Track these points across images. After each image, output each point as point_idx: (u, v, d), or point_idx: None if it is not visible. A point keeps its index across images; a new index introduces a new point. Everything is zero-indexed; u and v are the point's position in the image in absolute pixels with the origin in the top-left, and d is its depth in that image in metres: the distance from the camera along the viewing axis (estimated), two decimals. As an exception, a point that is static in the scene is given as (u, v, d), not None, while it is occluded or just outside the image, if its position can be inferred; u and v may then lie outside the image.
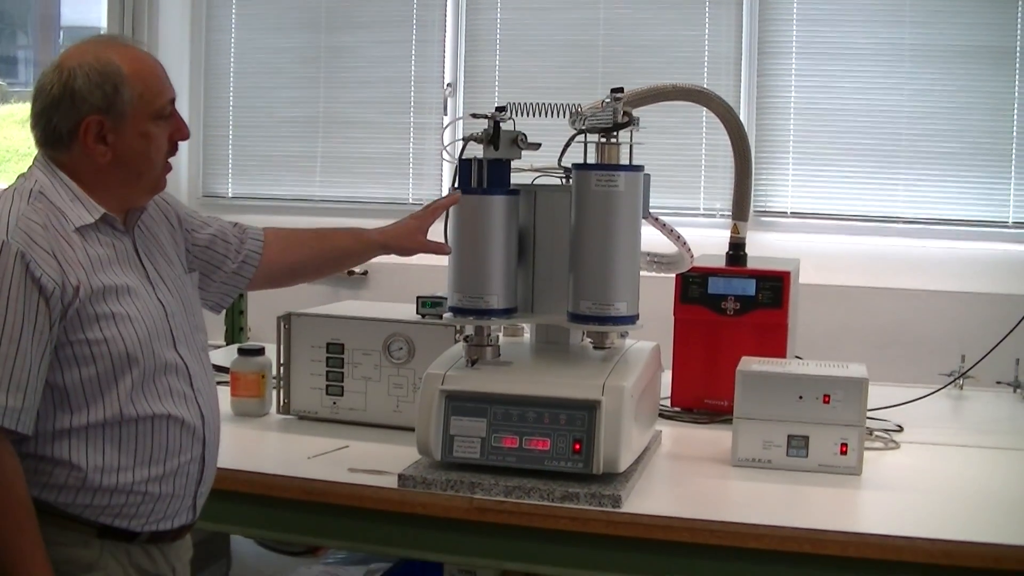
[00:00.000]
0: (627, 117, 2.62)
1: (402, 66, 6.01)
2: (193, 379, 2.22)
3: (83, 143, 2.09)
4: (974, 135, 5.23)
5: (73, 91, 2.06)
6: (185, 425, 2.18)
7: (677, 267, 2.91)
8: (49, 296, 2.00)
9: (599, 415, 2.50)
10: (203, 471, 2.26)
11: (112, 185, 2.14)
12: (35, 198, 2.08)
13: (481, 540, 2.55)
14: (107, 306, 2.08)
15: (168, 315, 2.21)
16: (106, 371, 2.07)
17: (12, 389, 1.97)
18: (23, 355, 1.97)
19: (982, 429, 3.34)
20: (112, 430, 2.08)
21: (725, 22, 5.50)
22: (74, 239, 2.07)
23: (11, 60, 8.43)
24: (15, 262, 1.98)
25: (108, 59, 2.09)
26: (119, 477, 2.09)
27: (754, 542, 2.37)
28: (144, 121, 2.13)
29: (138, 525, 2.14)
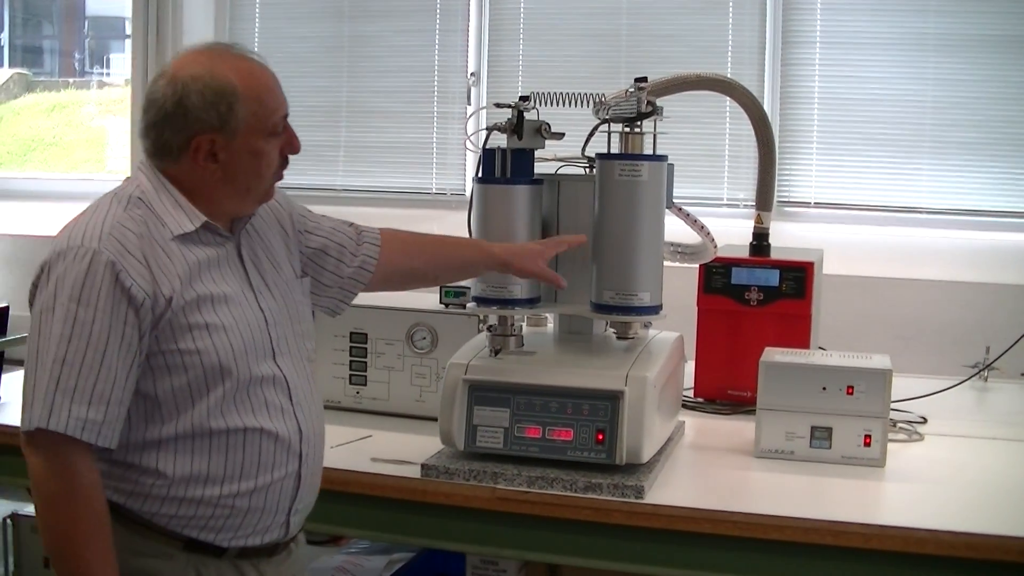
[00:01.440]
0: (651, 107, 2.62)
1: (425, 55, 6.00)
2: (292, 391, 2.16)
3: (193, 159, 2.05)
4: (999, 125, 5.18)
5: (186, 108, 2.02)
6: (280, 439, 2.11)
7: (700, 257, 2.90)
8: (139, 306, 1.96)
9: (622, 405, 2.50)
10: (299, 487, 2.17)
11: (219, 198, 2.10)
12: (133, 204, 2.04)
13: (504, 530, 2.56)
14: (201, 316, 2.03)
15: (269, 324, 2.15)
16: (197, 382, 2.02)
17: (94, 401, 1.93)
18: (108, 367, 1.94)
19: (1007, 421, 3.32)
20: (200, 441, 2.03)
21: (749, 11, 5.47)
22: (172, 248, 2.03)
23: (37, 50, 8.46)
24: (104, 271, 1.94)
25: (223, 76, 2.04)
26: (205, 489, 2.04)
27: (776, 534, 2.37)
28: (256, 139, 2.09)
29: (225, 539, 2.09)
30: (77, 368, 1.92)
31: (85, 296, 1.93)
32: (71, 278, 1.95)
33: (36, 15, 8.39)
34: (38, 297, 2.00)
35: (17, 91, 7.88)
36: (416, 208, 6.04)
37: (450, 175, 6.03)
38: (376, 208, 6.10)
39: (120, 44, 7.94)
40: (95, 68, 8.43)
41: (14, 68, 7.98)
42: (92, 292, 1.93)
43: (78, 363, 1.92)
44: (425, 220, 5.94)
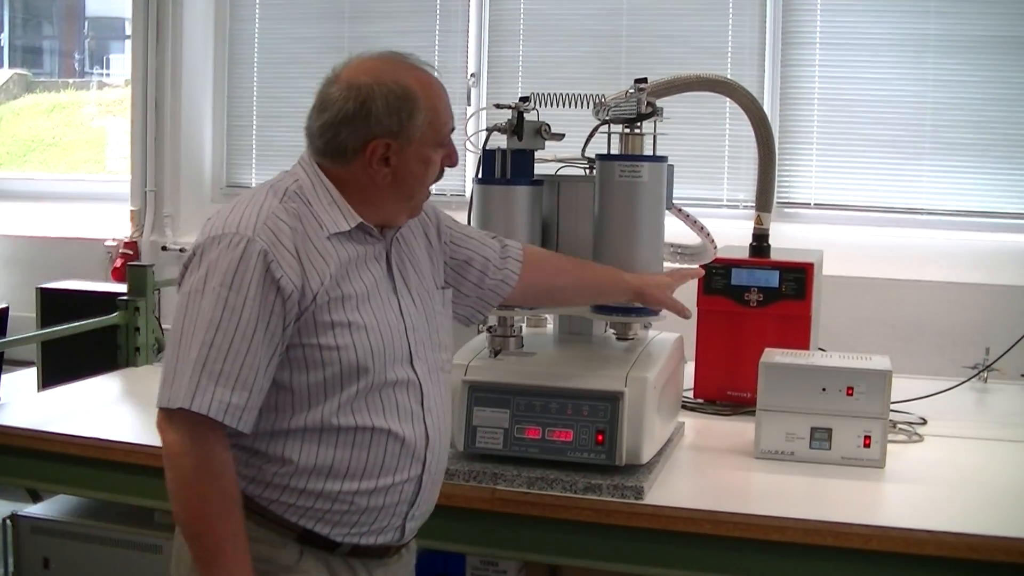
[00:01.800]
0: (651, 107, 2.62)
1: (425, 56, 5.82)
2: (425, 398, 2.14)
3: (366, 162, 2.07)
4: (999, 126, 5.20)
5: (369, 111, 2.05)
6: (406, 443, 2.10)
7: (700, 258, 2.90)
8: (287, 298, 1.98)
9: (622, 406, 2.50)
10: (419, 493, 2.16)
11: (380, 203, 2.12)
12: (289, 197, 2.06)
13: (503, 531, 2.56)
14: (345, 314, 2.04)
15: (408, 329, 2.14)
16: (333, 377, 2.03)
17: (238, 387, 1.95)
18: (253, 354, 1.96)
19: (1007, 422, 3.32)
20: (328, 435, 2.04)
21: (749, 12, 5.48)
22: (324, 244, 2.04)
23: (36, 51, 8.47)
24: (257, 260, 1.96)
25: (406, 83, 2.07)
26: (327, 483, 2.05)
27: (777, 535, 2.37)
28: (428, 148, 2.10)
29: (339, 535, 2.09)
30: (224, 353, 1.94)
31: (236, 283, 1.95)
32: (224, 264, 1.96)
33: (36, 16, 8.39)
34: (187, 279, 2.01)
35: (17, 91, 7.89)
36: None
37: (450, 176, 5.98)
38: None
39: (120, 45, 7.95)
40: (95, 69, 8.45)
41: (14, 68, 7.99)
42: (243, 280, 1.95)
43: (225, 348, 1.94)
44: (425, 221, 5.95)
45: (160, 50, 6.25)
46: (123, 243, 6.35)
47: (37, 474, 2.99)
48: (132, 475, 2.81)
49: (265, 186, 2.10)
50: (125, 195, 6.47)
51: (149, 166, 6.34)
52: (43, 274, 5.88)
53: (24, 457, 2.96)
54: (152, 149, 6.33)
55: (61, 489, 3.09)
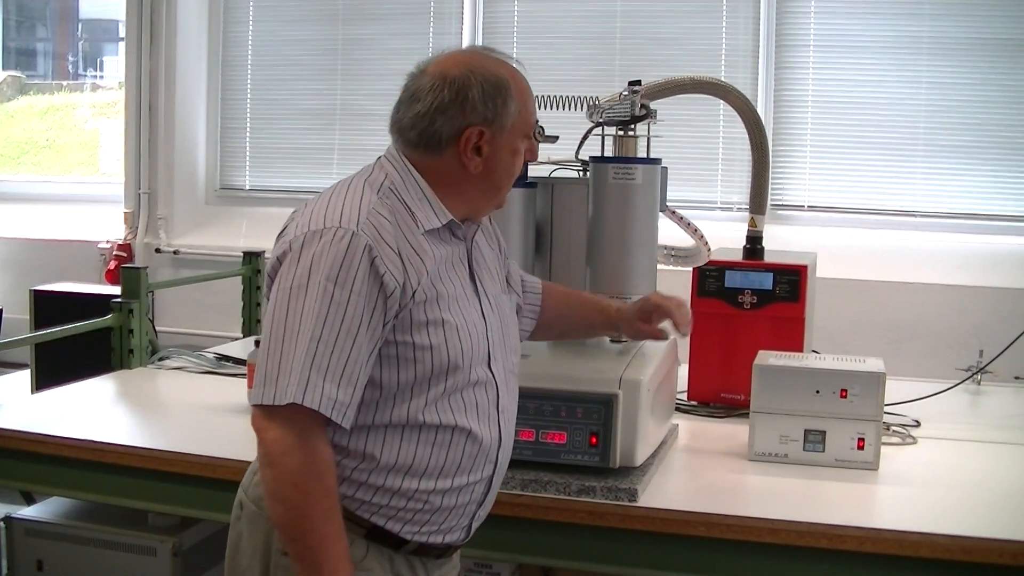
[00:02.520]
0: (644, 110, 2.62)
1: (419, 58, 5.95)
2: (500, 399, 2.16)
3: (460, 150, 2.08)
4: (993, 129, 5.20)
5: (466, 99, 2.06)
6: (483, 444, 2.12)
7: (694, 260, 2.91)
8: (389, 295, 1.97)
9: (616, 409, 2.50)
10: (487, 493, 2.19)
11: (469, 194, 2.13)
12: (385, 194, 2.06)
13: (497, 533, 2.55)
14: (439, 312, 2.04)
15: (488, 330, 2.15)
16: (424, 376, 2.03)
17: (344, 383, 1.94)
18: (357, 350, 1.95)
19: (1000, 424, 3.32)
20: (411, 432, 2.04)
21: (743, 14, 5.48)
22: (420, 241, 2.04)
23: (30, 53, 8.46)
24: (363, 255, 1.95)
25: (500, 73, 2.10)
26: (405, 481, 2.05)
27: (770, 536, 2.37)
28: (517, 138, 2.13)
29: (408, 532, 2.08)
30: (331, 348, 1.93)
31: (342, 277, 1.94)
32: (329, 258, 1.94)
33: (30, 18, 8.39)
34: (287, 273, 1.98)
35: (11, 94, 7.88)
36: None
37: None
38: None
39: (114, 47, 7.95)
40: (89, 71, 8.44)
41: (7, 71, 7.98)
42: (349, 274, 1.94)
43: (332, 343, 1.93)
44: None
45: (154, 52, 6.25)
46: (117, 245, 6.34)
47: (31, 476, 2.98)
48: (126, 477, 2.81)
49: (357, 180, 2.10)
50: (119, 197, 6.46)
51: (143, 168, 6.33)
52: (37, 276, 5.88)
53: (18, 459, 2.95)
54: (146, 151, 6.33)
55: (55, 491, 3.08)
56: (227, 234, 6.19)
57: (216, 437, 2.89)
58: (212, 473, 2.77)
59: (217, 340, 4.76)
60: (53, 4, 8.29)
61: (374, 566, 2.08)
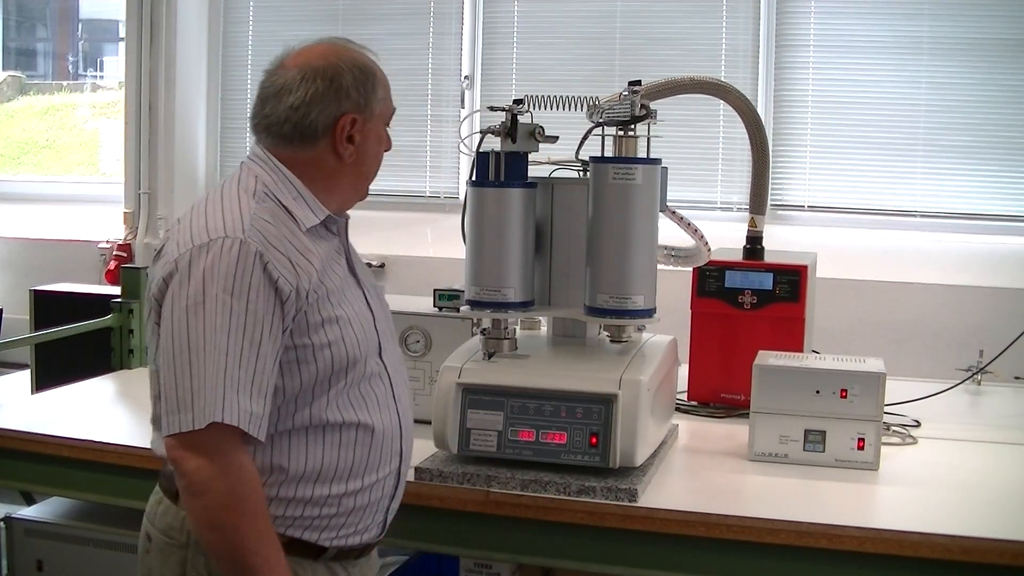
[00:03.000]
0: (644, 110, 2.61)
1: (419, 58, 6.01)
2: (395, 388, 2.16)
3: (336, 140, 2.08)
4: (993, 128, 5.20)
5: (340, 87, 2.06)
6: (386, 437, 2.11)
7: (694, 260, 2.90)
8: (285, 300, 1.94)
9: (616, 409, 2.50)
10: (397, 486, 2.19)
11: (341, 186, 2.13)
12: (261, 198, 2.02)
13: (497, 533, 2.56)
14: (332, 310, 2.03)
15: (376, 319, 2.16)
16: (324, 375, 2.01)
17: (256, 395, 1.90)
18: (264, 359, 1.91)
19: (1000, 424, 3.33)
20: (316, 436, 2.02)
21: (743, 14, 5.48)
22: (303, 240, 2.02)
23: (30, 53, 8.46)
24: (255, 262, 1.92)
25: (365, 60, 2.12)
26: (316, 488, 2.02)
27: (770, 537, 2.37)
28: (382, 124, 2.16)
29: (327, 539, 2.06)
30: (239, 361, 1.88)
31: (238, 288, 1.90)
32: (222, 269, 1.90)
33: (30, 18, 8.38)
34: (179, 292, 1.92)
35: (11, 94, 7.88)
36: (410, 211, 6.04)
37: (444, 178, 6.03)
38: (370, 211, 6.07)
39: (114, 47, 7.94)
40: (89, 71, 8.43)
41: (8, 71, 7.97)
42: (244, 283, 1.90)
43: (239, 355, 1.88)
44: (419, 223, 5.95)
45: (154, 52, 6.25)
46: (117, 245, 6.33)
47: (31, 476, 2.98)
48: (126, 477, 2.81)
49: (229, 189, 2.05)
50: (119, 197, 6.46)
51: (143, 168, 6.33)
52: (37, 276, 5.87)
53: (18, 459, 2.95)
54: (146, 151, 6.32)
55: (55, 491, 3.08)
56: (227, 234, 6.19)
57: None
58: (212, 473, 2.77)
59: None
60: (53, 4, 8.28)
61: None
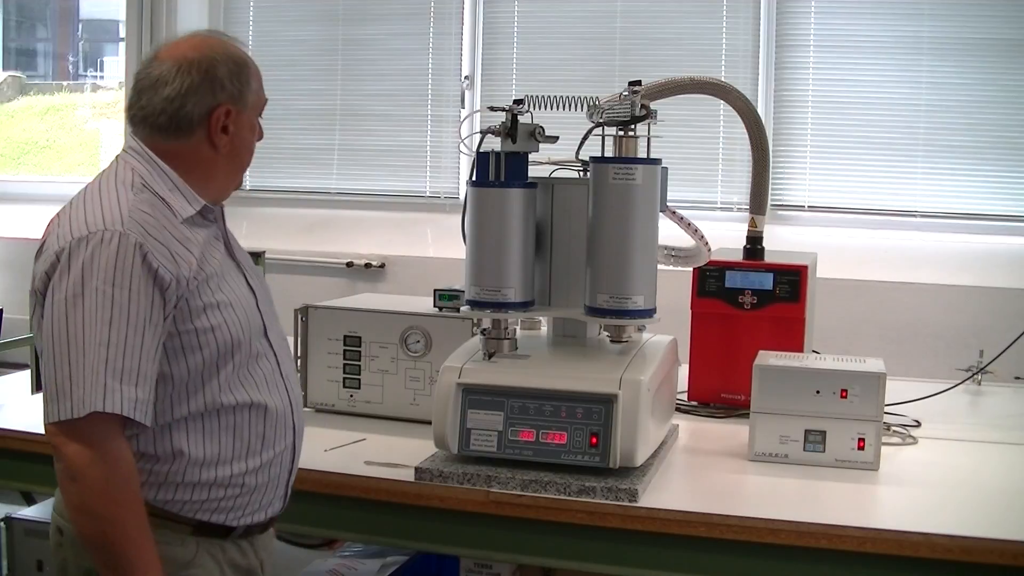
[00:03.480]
0: (645, 110, 2.61)
1: (420, 58, 6.01)
2: (281, 365, 2.24)
3: (211, 130, 2.13)
4: (993, 129, 5.20)
5: (215, 78, 2.11)
6: (279, 413, 2.19)
7: (694, 261, 2.90)
8: (166, 289, 2.00)
9: (616, 409, 2.50)
10: (294, 459, 2.28)
11: (217, 176, 2.18)
12: (138, 189, 2.07)
13: (497, 533, 2.56)
14: (213, 295, 2.09)
15: (259, 301, 2.23)
16: (211, 359, 2.07)
17: (140, 381, 1.96)
18: (146, 347, 1.97)
19: (1000, 425, 3.33)
20: (212, 419, 2.08)
21: (743, 14, 5.48)
22: (181, 230, 2.07)
23: (30, 53, 8.46)
24: (135, 253, 1.97)
25: (238, 52, 2.18)
26: (218, 470, 2.10)
27: (771, 537, 2.37)
28: (254, 115, 2.24)
29: (234, 519, 2.14)
30: (122, 349, 1.94)
31: (119, 279, 1.95)
32: (101, 261, 1.95)
33: (30, 18, 8.38)
34: (59, 285, 1.97)
35: (11, 94, 7.87)
36: (410, 211, 6.04)
37: (444, 178, 6.03)
38: (370, 211, 6.10)
39: (114, 47, 7.94)
40: (89, 71, 8.43)
41: (8, 71, 7.97)
42: (124, 274, 1.95)
43: (122, 345, 1.94)
44: (419, 223, 5.95)
45: (154, 53, 6.24)
46: (117, 246, 6.32)
47: (31, 476, 2.98)
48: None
49: (107, 182, 2.09)
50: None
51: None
52: (37, 277, 5.85)
53: (18, 460, 2.95)
54: (146, 152, 6.32)
55: (55, 491, 3.08)
56: (227, 234, 6.19)
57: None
58: (212, 473, 2.77)
59: (217, 340, 4.75)
60: (53, 4, 8.28)
61: (206, 561, 2.11)
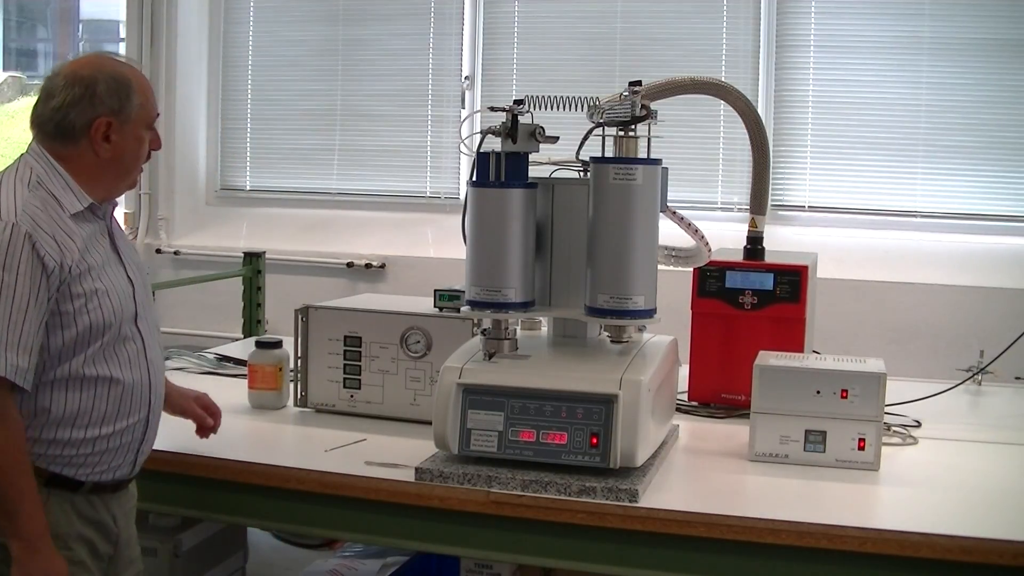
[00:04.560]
0: (645, 110, 2.61)
1: (420, 59, 6.01)
2: (147, 351, 2.52)
3: (92, 139, 2.42)
4: (993, 129, 5.20)
5: (94, 93, 2.40)
6: (135, 389, 2.47)
7: (694, 261, 2.90)
8: (50, 274, 2.30)
9: (616, 409, 2.50)
10: (146, 431, 2.54)
11: (104, 178, 2.47)
12: (34, 187, 2.37)
13: (497, 534, 2.56)
14: (92, 283, 2.39)
15: (135, 291, 2.53)
16: (82, 335, 2.37)
17: (22, 351, 2.27)
18: (30, 322, 2.27)
19: (1001, 425, 3.33)
20: (75, 386, 2.38)
21: (743, 15, 5.48)
22: (68, 224, 2.37)
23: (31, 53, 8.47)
24: (24, 242, 2.27)
25: (123, 71, 2.46)
26: (73, 431, 2.39)
27: (771, 537, 2.37)
28: (140, 127, 2.49)
29: (83, 475, 2.42)
30: (6, 323, 2.26)
31: (9, 263, 2.26)
32: None
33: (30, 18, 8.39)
34: None
35: (11, 94, 7.88)
36: (410, 211, 6.04)
37: (444, 178, 6.03)
38: (370, 212, 6.11)
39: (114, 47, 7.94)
40: (89, 71, 8.42)
41: (8, 71, 7.98)
42: (14, 259, 2.27)
43: (7, 319, 2.26)
44: (419, 224, 5.96)
45: (154, 53, 6.25)
46: (117, 246, 6.33)
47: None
48: (126, 478, 2.80)
49: (8, 178, 2.39)
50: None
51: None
52: (37, 277, 5.86)
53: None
54: (146, 152, 6.32)
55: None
56: (227, 235, 6.19)
57: (216, 437, 2.89)
58: (212, 473, 2.78)
59: (218, 340, 4.76)
60: (54, 5, 8.29)
61: (54, 509, 2.38)
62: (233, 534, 3.79)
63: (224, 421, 2.92)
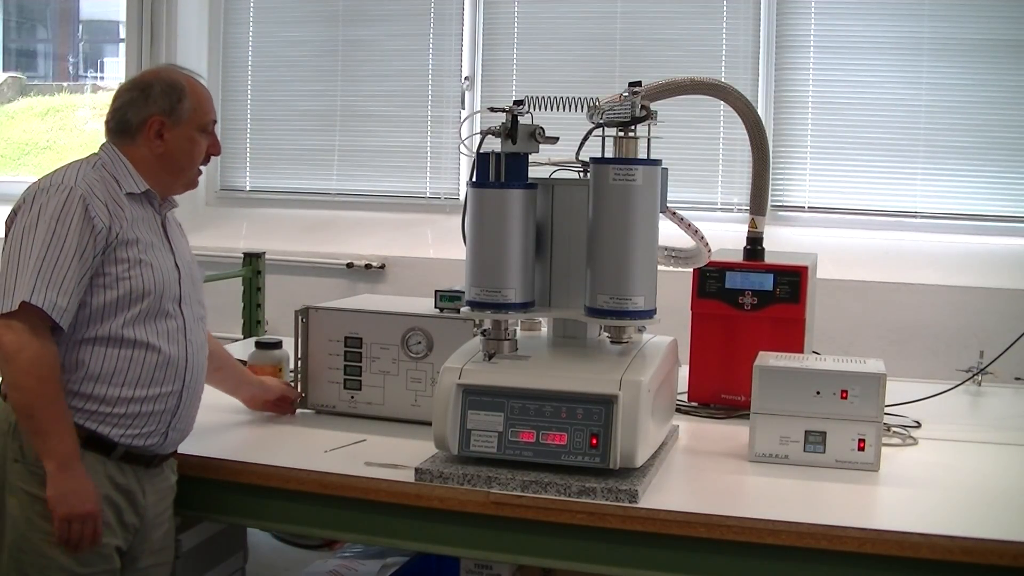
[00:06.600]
0: (645, 111, 2.61)
1: (420, 59, 6.01)
2: (188, 332, 2.69)
3: (146, 135, 2.67)
4: (993, 129, 5.20)
5: (148, 95, 2.68)
6: (170, 361, 2.63)
7: (694, 261, 2.90)
8: (98, 234, 2.54)
9: (616, 410, 2.50)
10: (179, 406, 2.66)
11: (159, 172, 2.70)
12: (96, 168, 2.64)
13: (497, 534, 2.56)
14: (137, 252, 2.60)
15: (181, 278, 2.71)
16: (123, 298, 2.57)
17: (63, 292, 2.48)
18: (74, 269, 2.50)
19: (1001, 425, 3.33)
20: (113, 346, 2.57)
21: (743, 15, 5.48)
22: (123, 199, 2.62)
23: (31, 54, 8.46)
24: (79, 202, 2.53)
25: (177, 77, 2.72)
26: (109, 389, 2.56)
27: (771, 538, 2.37)
28: (192, 129, 2.72)
29: (116, 435, 2.57)
30: (53, 265, 2.48)
31: (63, 218, 2.51)
32: (52, 205, 2.53)
33: (30, 19, 8.38)
34: (21, 219, 2.55)
35: (11, 95, 7.88)
36: (410, 212, 6.04)
37: (444, 179, 6.03)
38: (370, 212, 6.11)
39: (114, 48, 7.94)
40: (89, 72, 8.43)
41: (8, 72, 7.97)
42: (68, 216, 2.52)
43: (53, 263, 2.48)
44: (419, 224, 5.95)
45: (154, 53, 6.24)
46: (117, 246, 6.33)
47: None
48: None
49: (77, 161, 2.66)
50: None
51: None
52: (37, 277, 5.86)
53: None
54: (146, 152, 6.32)
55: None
56: (227, 235, 6.19)
57: (216, 438, 2.89)
58: (213, 474, 2.78)
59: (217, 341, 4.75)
60: (53, 5, 8.28)
61: (86, 469, 2.51)
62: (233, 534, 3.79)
63: (224, 421, 2.92)
